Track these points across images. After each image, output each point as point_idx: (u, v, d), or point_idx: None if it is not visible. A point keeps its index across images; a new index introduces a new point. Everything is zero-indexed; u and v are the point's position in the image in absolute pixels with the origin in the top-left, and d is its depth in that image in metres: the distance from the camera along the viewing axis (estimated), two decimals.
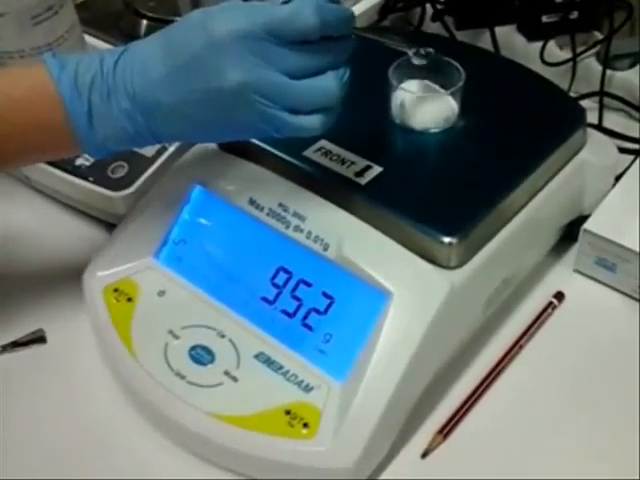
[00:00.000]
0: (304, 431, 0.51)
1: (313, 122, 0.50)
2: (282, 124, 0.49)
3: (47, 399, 0.59)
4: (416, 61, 0.55)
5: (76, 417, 0.58)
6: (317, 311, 0.55)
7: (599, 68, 0.77)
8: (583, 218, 0.63)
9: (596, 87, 0.77)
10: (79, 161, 0.67)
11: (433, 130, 0.61)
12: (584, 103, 0.71)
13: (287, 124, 0.49)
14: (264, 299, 0.57)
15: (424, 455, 0.54)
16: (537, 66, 0.76)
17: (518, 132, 0.61)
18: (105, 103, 0.50)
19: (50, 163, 0.67)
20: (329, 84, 0.49)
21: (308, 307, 0.55)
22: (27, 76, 0.52)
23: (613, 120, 0.76)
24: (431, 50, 0.55)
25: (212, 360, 0.55)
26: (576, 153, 0.63)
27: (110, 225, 0.69)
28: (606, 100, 0.77)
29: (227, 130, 0.52)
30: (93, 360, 0.60)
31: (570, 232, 0.65)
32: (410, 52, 0.55)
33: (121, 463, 0.55)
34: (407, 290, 0.53)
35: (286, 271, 0.57)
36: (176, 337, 0.56)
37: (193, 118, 0.50)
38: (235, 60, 0.48)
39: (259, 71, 0.48)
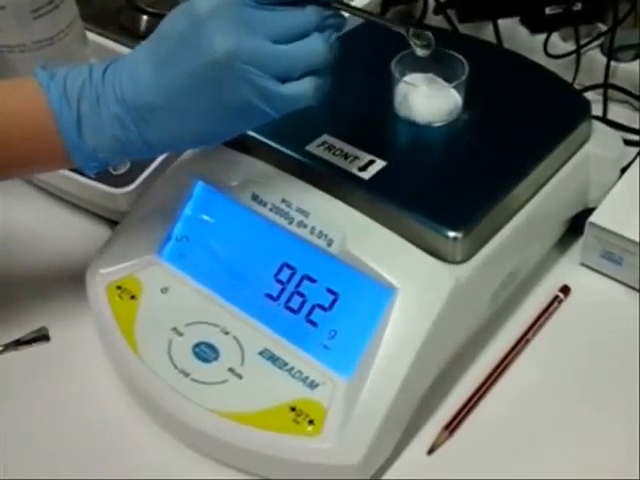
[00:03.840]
0: (309, 428, 0.51)
1: (305, 87, 0.49)
2: (275, 95, 0.49)
3: (51, 397, 0.58)
4: (419, 53, 0.55)
5: (79, 415, 0.57)
6: (321, 307, 0.55)
7: (603, 60, 0.77)
8: (589, 211, 0.63)
9: (600, 79, 0.77)
10: None
11: (437, 124, 0.60)
12: (588, 95, 0.71)
13: (279, 94, 0.49)
14: (268, 295, 0.57)
15: (430, 451, 0.54)
16: (541, 58, 0.75)
17: (522, 125, 0.61)
18: (95, 110, 0.50)
19: None
20: (316, 45, 0.49)
21: (312, 303, 0.55)
22: (18, 88, 0.52)
23: (617, 112, 0.76)
24: (429, 33, 0.54)
25: (216, 357, 0.55)
26: (581, 146, 0.62)
27: (112, 222, 0.68)
28: (610, 92, 0.76)
29: (222, 121, 0.51)
30: (97, 358, 0.60)
31: (576, 225, 0.65)
32: (408, 33, 0.53)
33: (125, 461, 0.55)
34: (412, 285, 0.53)
35: (290, 267, 0.56)
36: (180, 334, 0.56)
37: (185, 115, 0.50)
38: (220, 30, 0.47)
39: (245, 38, 0.47)
